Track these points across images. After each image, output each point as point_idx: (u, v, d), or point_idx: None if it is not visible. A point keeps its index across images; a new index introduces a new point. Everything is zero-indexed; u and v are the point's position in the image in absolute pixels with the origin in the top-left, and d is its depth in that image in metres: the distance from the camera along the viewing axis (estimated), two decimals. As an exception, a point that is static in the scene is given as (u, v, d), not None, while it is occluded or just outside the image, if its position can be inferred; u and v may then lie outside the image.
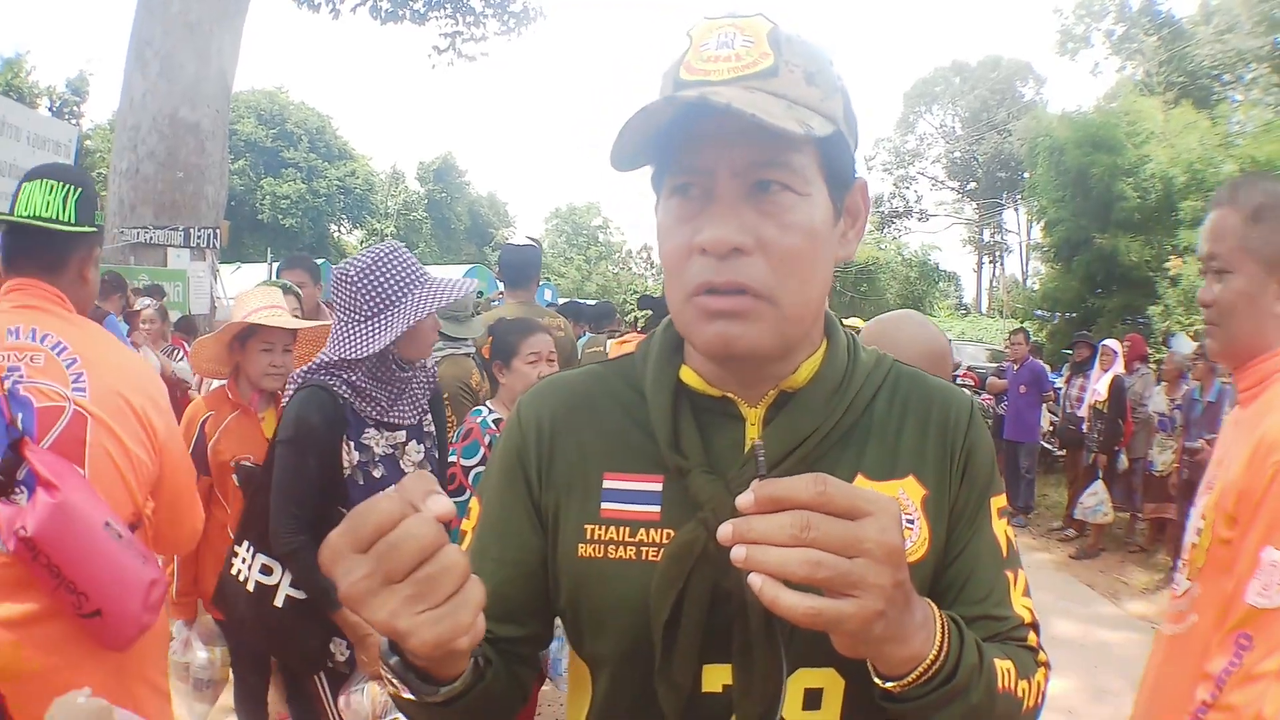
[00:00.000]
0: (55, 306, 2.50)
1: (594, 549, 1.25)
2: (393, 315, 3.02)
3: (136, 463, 2.49)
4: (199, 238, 11.21)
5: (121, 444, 2.46)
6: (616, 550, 1.24)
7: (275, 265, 18.90)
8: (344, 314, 3.06)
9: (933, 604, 1.06)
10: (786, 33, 1.16)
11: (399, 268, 3.05)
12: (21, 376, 2.34)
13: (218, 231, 11.45)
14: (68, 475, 2.27)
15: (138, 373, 2.62)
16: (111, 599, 2.27)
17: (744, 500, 0.92)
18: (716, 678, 1.21)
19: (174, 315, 9.43)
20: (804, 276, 1.17)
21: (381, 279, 3.02)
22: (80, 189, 2.52)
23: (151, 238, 10.98)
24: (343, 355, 3.02)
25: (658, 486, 1.25)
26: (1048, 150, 17.49)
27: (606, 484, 1.27)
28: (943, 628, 1.05)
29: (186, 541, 2.88)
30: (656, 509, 1.24)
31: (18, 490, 2.25)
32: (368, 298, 3.02)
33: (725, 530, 0.92)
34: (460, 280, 3.21)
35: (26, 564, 2.19)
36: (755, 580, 0.90)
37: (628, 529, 1.24)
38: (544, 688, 4.59)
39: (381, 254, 3.06)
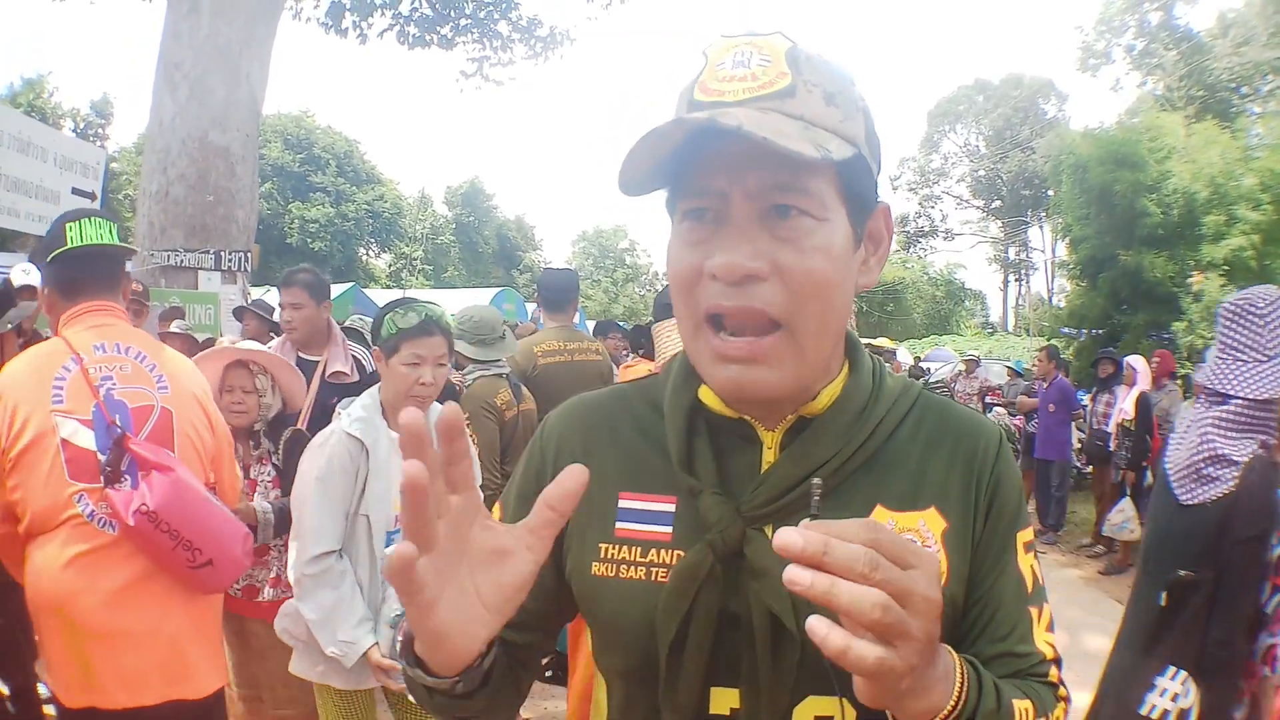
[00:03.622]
0: (123, 321, 3.01)
1: (606, 568, 1.26)
2: None
3: (205, 443, 3.09)
4: (230, 261, 11.24)
5: (196, 430, 3.04)
6: (628, 570, 1.24)
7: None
8: (1238, 351, 2.75)
9: (952, 651, 1.04)
10: (806, 52, 1.13)
11: None
12: (114, 384, 2.85)
13: (248, 255, 11.48)
14: (170, 458, 2.85)
15: (192, 369, 3.20)
16: (220, 550, 2.86)
17: (788, 538, 0.85)
18: (724, 701, 1.21)
19: (201, 337, 9.51)
20: (824, 302, 1.13)
21: None
22: (115, 224, 3.01)
23: (182, 260, 11.01)
24: (1256, 395, 2.62)
25: (670, 507, 1.25)
26: (1071, 167, 17.37)
27: (622, 504, 1.27)
28: (962, 675, 1.02)
29: (231, 500, 3.38)
30: (668, 530, 1.24)
31: (123, 479, 2.78)
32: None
33: (794, 540, 0.84)
34: None
35: (145, 535, 2.71)
36: (820, 627, 0.85)
37: (639, 549, 1.24)
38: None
39: None
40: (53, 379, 2.78)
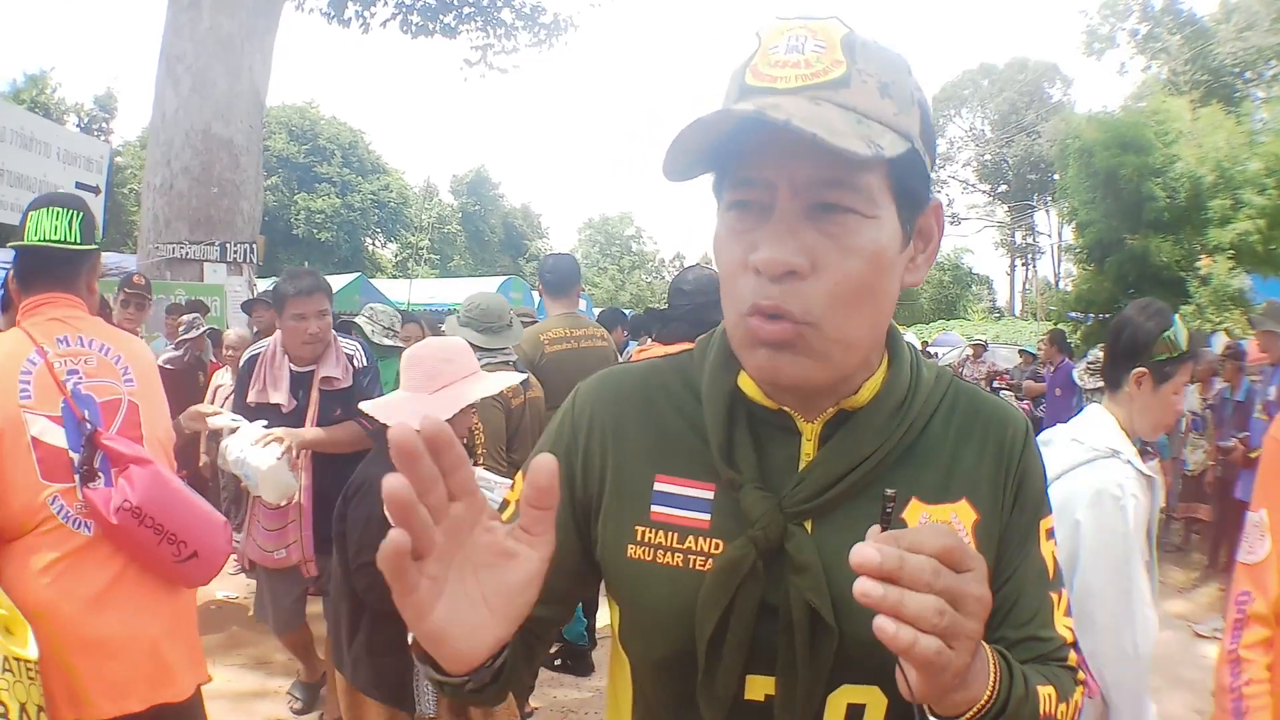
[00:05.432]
0: (82, 313, 2.82)
1: (643, 551, 1.24)
2: None
3: (168, 434, 2.97)
4: (235, 253, 11.27)
5: (163, 422, 2.95)
6: (665, 555, 1.22)
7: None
8: None
9: (983, 643, 1.03)
10: (862, 38, 1.09)
11: None
12: (81, 378, 2.71)
13: (254, 246, 11.50)
14: (145, 451, 2.75)
15: (149, 358, 3.03)
16: (204, 541, 2.77)
17: (866, 556, 0.88)
18: (759, 687, 1.20)
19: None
20: (862, 304, 1.11)
21: None
22: (81, 213, 2.83)
23: (187, 253, 11.03)
24: None
25: (709, 495, 1.23)
26: (1077, 152, 17.30)
27: (658, 486, 1.25)
28: (995, 665, 1.04)
29: None
30: (706, 517, 1.22)
31: (98, 477, 2.65)
32: None
33: (872, 557, 0.87)
34: None
35: (128, 532, 2.62)
36: (889, 626, 0.88)
37: (676, 535, 1.22)
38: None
39: None
40: (19, 374, 2.60)
